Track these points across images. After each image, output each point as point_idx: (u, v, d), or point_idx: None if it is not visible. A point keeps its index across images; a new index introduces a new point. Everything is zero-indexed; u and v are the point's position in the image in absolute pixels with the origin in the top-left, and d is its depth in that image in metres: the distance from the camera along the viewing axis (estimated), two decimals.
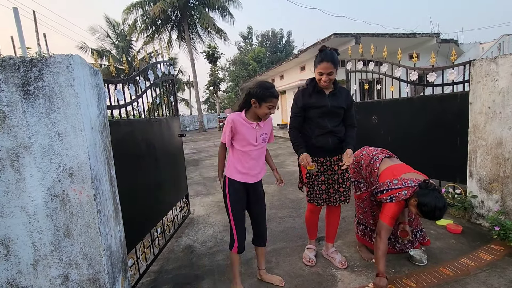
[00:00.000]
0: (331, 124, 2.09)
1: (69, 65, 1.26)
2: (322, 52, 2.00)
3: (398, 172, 2.06)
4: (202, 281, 2.19)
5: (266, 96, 1.77)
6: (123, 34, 22.36)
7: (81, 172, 1.31)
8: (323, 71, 1.98)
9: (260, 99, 1.78)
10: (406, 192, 1.90)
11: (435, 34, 10.86)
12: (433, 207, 1.77)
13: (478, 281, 1.95)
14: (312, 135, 2.12)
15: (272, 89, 1.80)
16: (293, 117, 2.19)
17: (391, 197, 1.93)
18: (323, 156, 2.14)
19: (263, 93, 1.76)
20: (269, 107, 1.80)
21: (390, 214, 1.92)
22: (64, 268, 1.32)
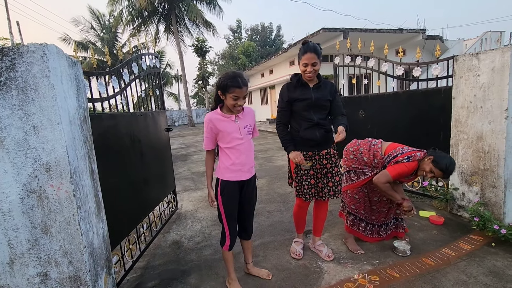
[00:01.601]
0: (317, 117, 2.09)
1: (43, 54, 1.20)
2: (305, 45, 2.03)
3: (401, 145, 2.28)
4: (189, 276, 2.18)
5: (228, 86, 1.66)
6: (108, 26, 21.69)
7: (59, 167, 1.25)
8: (307, 62, 1.99)
9: (224, 90, 1.69)
10: (420, 154, 2.14)
11: (421, 30, 11.05)
12: (449, 161, 2.02)
13: (458, 270, 2.02)
14: (300, 128, 2.13)
15: (235, 78, 1.66)
16: (280, 112, 2.19)
17: (408, 157, 2.13)
18: (311, 150, 2.14)
19: (225, 83, 1.67)
20: (233, 97, 1.68)
21: (399, 170, 2.11)
22: (42, 266, 1.28)
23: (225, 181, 1.83)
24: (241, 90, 1.68)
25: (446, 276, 1.96)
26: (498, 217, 2.47)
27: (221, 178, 1.84)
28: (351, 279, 2.00)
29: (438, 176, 2.08)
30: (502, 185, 2.43)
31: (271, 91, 18.46)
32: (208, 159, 1.90)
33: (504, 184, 2.42)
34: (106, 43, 20.92)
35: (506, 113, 2.33)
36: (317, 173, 2.17)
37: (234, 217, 1.91)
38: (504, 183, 2.42)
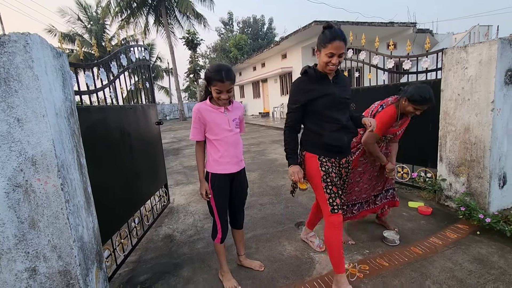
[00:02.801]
0: (343, 118, 1.76)
1: (26, 44, 1.16)
2: (331, 29, 1.64)
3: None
4: (182, 269, 2.18)
5: (211, 79, 1.65)
6: (96, 18, 21.09)
7: (45, 160, 1.22)
8: (334, 52, 1.60)
9: (208, 82, 1.69)
10: (391, 99, 2.20)
11: (412, 24, 11.13)
12: (420, 90, 2.02)
13: (444, 258, 2.08)
14: (323, 131, 1.74)
15: (219, 72, 1.62)
16: (292, 113, 1.79)
17: (382, 106, 2.20)
18: (334, 157, 1.78)
19: (209, 76, 1.66)
20: (216, 91, 1.66)
21: (380, 121, 2.10)
22: (30, 261, 1.26)
23: (215, 175, 1.82)
24: (223, 84, 1.64)
25: (433, 264, 2.01)
26: (483, 207, 2.55)
27: (211, 172, 1.83)
28: None
29: (422, 108, 2.06)
30: (488, 176, 2.50)
31: (263, 84, 18.39)
32: (198, 151, 1.87)
33: (489, 175, 2.49)
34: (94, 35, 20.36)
35: (492, 105, 2.39)
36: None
37: (225, 210, 1.92)
38: (489, 174, 2.49)
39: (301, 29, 11.12)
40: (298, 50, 13.27)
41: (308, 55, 13.20)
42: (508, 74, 2.40)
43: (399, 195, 3.31)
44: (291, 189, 1.97)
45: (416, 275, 1.91)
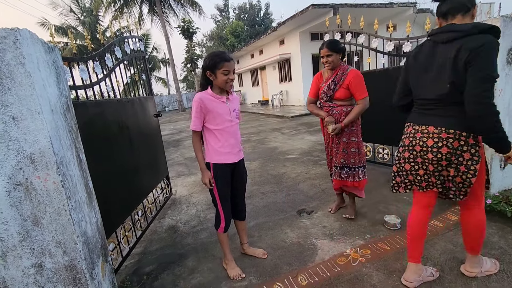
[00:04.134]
0: None
1: (16, 40, 1.13)
2: None
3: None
4: (187, 259, 2.22)
5: (217, 62, 1.68)
6: (89, 9, 20.63)
7: (44, 158, 1.22)
8: None
9: (213, 68, 1.70)
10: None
11: (412, 4, 10.86)
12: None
13: (445, 240, 2.10)
14: None
15: (222, 54, 1.71)
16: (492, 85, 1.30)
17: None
18: None
19: (214, 61, 1.69)
20: (225, 72, 1.70)
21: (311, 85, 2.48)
22: (36, 257, 1.28)
23: (217, 165, 1.83)
24: (229, 63, 1.71)
25: (434, 246, 2.04)
26: None
27: (212, 162, 1.83)
28: (343, 254, 2.07)
29: (324, 53, 2.30)
30: (489, 157, 2.49)
31: (262, 72, 18.17)
32: (196, 142, 1.86)
33: (490, 156, 2.48)
34: (88, 27, 19.98)
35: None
36: None
37: (228, 200, 1.94)
38: (490, 155, 2.48)
39: (298, 13, 10.87)
40: (296, 35, 13.02)
41: (306, 40, 12.96)
42: (510, 53, 2.35)
43: None
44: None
45: None
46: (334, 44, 2.28)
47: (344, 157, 2.38)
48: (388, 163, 3.73)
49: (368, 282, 1.77)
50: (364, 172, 2.43)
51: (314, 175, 3.82)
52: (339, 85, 2.31)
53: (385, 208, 2.68)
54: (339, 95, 2.33)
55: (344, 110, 2.33)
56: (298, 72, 13.49)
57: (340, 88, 2.31)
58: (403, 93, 1.70)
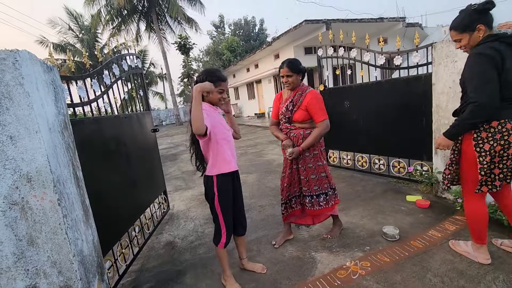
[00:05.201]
0: None
1: (15, 61, 1.16)
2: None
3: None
4: (185, 276, 2.19)
5: (213, 81, 1.73)
6: (87, 27, 21.00)
7: (40, 176, 1.22)
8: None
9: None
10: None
11: (401, 19, 11.21)
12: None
13: (444, 250, 2.10)
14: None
15: (217, 73, 1.79)
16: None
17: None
18: None
19: (211, 79, 1.73)
20: (219, 91, 1.78)
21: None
22: (31, 278, 1.25)
23: (220, 177, 1.81)
24: (225, 83, 1.80)
25: (433, 257, 2.03)
26: None
27: (217, 173, 1.80)
28: (343, 266, 2.05)
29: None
30: None
31: (258, 85, 18.41)
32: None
33: None
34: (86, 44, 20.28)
35: None
36: None
37: (231, 213, 1.91)
38: None
39: (292, 28, 11.16)
40: (290, 49, 13.30)
41: (300, 54, 13.24)
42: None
43: (398, 190, 3.34)
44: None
45: (417, 268, 1.93)
46: (294, 64, 2.18)
47: (316, 183, 2.24)
48: (383, 174, 3.76)
49: None
50: (336, 194, 2.37)
51: None
52: (297, 107, 2.19)
53: (383, 219, 2.68)
54: (297, 116, 2.21)
55: (301, 134, 2.20)
56: None
57: (299, 109, 2.19)
58: (498, 93, 1.65)
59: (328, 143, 4.55)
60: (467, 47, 1.77)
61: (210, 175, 1.82)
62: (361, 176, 3.98)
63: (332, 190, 2.33)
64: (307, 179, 2.25)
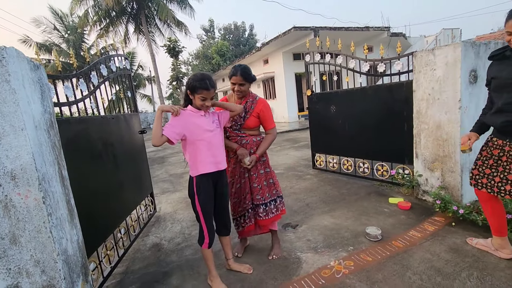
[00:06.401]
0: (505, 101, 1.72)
1: (2, 58, 1.16)
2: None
3: None
4: (171, 278, 2.18)
5: (196, 87, 1.75)
6: (73, 27, 20.57)
7: (25, 174, 1.21)
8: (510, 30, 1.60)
9: (192, 90, 1.78)
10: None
11: (386, 28, 11.61)
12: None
13: (423, 249, 2.19)
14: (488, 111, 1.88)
15: (204, 81, 1.75)
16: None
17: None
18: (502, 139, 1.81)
19: (193, 85, 1.75)
20: (201, 98, 1.77)
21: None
22: (13, 278, 1.23)
23: (199, 178, 1.84)
24: (208, 92, 1.76)
25: (413, 256, 2.11)
26: (457, 199, 2.70)
27: (195, 175, 1.85)
28: (327, 266, 2.10)
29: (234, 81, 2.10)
30: (459, 170, 2.66)
31: None
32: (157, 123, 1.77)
33: (460, 169, 2.65)
34: (72, 45, 19.83)
35: (459, 104, 2.55)
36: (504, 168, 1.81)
37: (211, 215, 1.93)
38: (460, 168, 2.65)
39: (281, 35, 11.33)
40: (279, 55, 13.49)
41: (289, 60, 13.45)
42: (472, 74, 2.57)
43: (381, 193, 3.44)
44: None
45: (398, 267, 2.00)
46: (248, 73, 2.09)
47: (268, 190, 2.22)
48: (367, 177, 3.87)
49: None
50: (283, 202, 2.33)
51: (299, 189, 3.88)
52: (250, 114, 2.16)
53: (366, 220, 2.76)
54: (249, 123, 2.17)
55: (254, 140, 2.17)
56: (282, 90, 13.88)
57: (251, 116, 2.16)
58: None
59: (315, 147, 4.64)
60: None
61: (191, 176, 1.88)
62: (346, 179, 4.08)
63: (280, 198, 2.29)
64: (260, 186, 2.20)
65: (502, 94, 1.74)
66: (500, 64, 1.77)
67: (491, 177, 1.88)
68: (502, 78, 1.73)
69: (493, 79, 1.81)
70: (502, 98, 1.73)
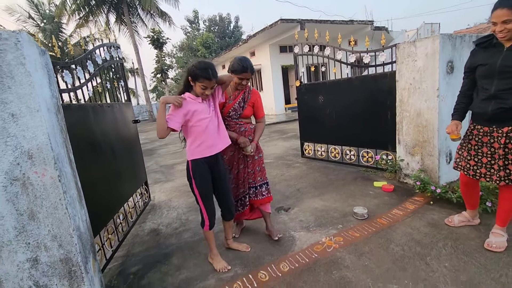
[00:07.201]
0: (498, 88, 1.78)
1: (17, 42, 1.21)
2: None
3: None
4: (172, 258, 2.28)
5: (197, 75, 1.76)
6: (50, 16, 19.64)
7: (41, 154, 1.28)
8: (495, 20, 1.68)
9: (194, 78, 1.79)
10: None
11: (370, 22, 11.92)
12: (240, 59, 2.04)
13: (404, 225, 2.41)
14: (476, 99, 1.96)
15: (207, 70, 1.76)
16: (463, 79, 2.05)
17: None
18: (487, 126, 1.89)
19: (195, 72, 1.77)
20: (202, 87, 1.79)
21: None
22: (32, 251, 1.30)
23: (195, 162, 1.90)
24: (210, 81, 1.78)
25: (395, 231, 2.33)
26: (435, 180, 2.95)
27: (191, 159, 1.90)
28: (319, 242, 2.28)
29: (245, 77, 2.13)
30: (437, 153, 2.90)
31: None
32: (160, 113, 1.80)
33: (438, 153, 2.89)
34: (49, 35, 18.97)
35: (437, 92, 2.77)
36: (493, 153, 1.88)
37: (210, 197, 2.00)
38: (438, 152, 2.89)
39: (268, 27, 11.38)
40: (266, 47, 13.54)
41: (276, 52, 13.53)
42: (449, 64, 2.79)
43: (366, 177, 3.66)
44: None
45: (382, 241, 2.21)
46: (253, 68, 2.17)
47: (259, 174, 2.34)
48: (354, 163, 4.09)
49: (342, 264, 1.98)
50: (269, 189, 2.41)
51: (289, 176, 4.05)
52: (247, 103, 2.28)
53: (353, 201, 2.97)
54: (247, 112, 2.28)
55: (251, 128, 2.29)
56: (269, 82, 13.98)
57: (247, 106, 2.28)
58: None
59: (304, 136, 4.82)
60: (509, 33, 1.67)
61: (187, 160, 1.94)
62: (334, 166, 4.29)
63: (267, 184, 2.39)
64: (253, 171, 2.32)
65: (492, 80, 1.79)
66: (486, 52, 1.84)
67: (489, 165, 1.91)
68: (492, 65, 1.77)
69: (480, 66, 1.85)
70: (493, 85, 1.78)
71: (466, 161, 2.04)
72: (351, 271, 1.89)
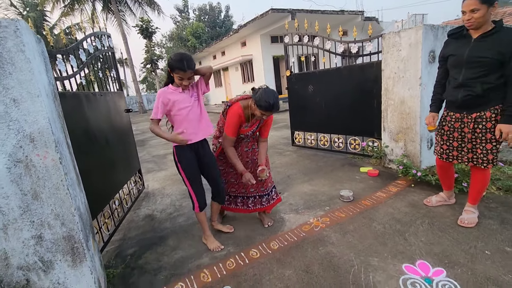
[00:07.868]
0: (465, 77, 1.90)
1: (16, 29, 1.25)
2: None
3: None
4: (167, 240, 2.39)
5: (173, 67, 1.81)
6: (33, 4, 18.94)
7: (43, 137, 1.34)
8: (465, 9, 1.79)
9: (171, 69, 1.85)
10: (239, 97, 2.20)
11: (360, 12, 11.99)
12: (268, 94, 1.97)
13: (387, 206, 2.57)
14: (448, 87, 2.08)
15: (181, 61, 1.79)
16: (438, 69, 2.19)
17: (228, 105, 2.21)
18: (459, 112, 2.03)
19: (172, 64, 1.82)
20: (179, 78, 1.84)
21: (229, 123, 2.13)
22: (36, 229, 1.39)
23: (178, 148, 2.00)
24: (185, 73, 1.82)
25: (378, 211, 2.49)
26: (416, 165, 3.12)
27: (174, 145, 2.00)
28: (307, 223, 2.42)
29: (268, 114, 2.05)
30: (419, 139, 3.06)
31: (225, 73, 18.37)
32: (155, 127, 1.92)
33: (420, 139, 3.05)
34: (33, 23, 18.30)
35: (420, 81, 2.91)
36: (463, 136, 2.04)
37: (198, 180, 2.10)
38: (420, 138, 3.05)
39: (258, 16, 11.33)
40: (257, 37, 13.49)
41: (267, 42, 13.50)
42: (431, 54, 2.93)
43: (354, 164, 3.83)
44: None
45: (366, 220, 2.37)
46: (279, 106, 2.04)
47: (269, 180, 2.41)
48: (342, 151, 4.25)
49: (328, 241, 2.13)
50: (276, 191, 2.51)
51: (280, 164, 4.18)
52: (260, 127, 2.31)
53: (340, 186, 3.12)
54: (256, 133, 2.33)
55: (253, 148, 2.37)
56: (260, 72, 13.99)
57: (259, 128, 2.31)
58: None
59: (294, 125, 4.94)
60: (475, 22, 1.77)
61: (173, 146, 2.03)
62: (323, 154, 4.44)
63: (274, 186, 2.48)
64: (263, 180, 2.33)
65: (461, 70, 1.91)
66: (457, 42, 1.96)
67: (460, 148, 2.07)
68: (461, 56, 1.89)
69: (451, 56, 1.98)
70: (461, 74, 1.91)
71: (439, 145, 2.21)
72: (336, 247, 2.04)
